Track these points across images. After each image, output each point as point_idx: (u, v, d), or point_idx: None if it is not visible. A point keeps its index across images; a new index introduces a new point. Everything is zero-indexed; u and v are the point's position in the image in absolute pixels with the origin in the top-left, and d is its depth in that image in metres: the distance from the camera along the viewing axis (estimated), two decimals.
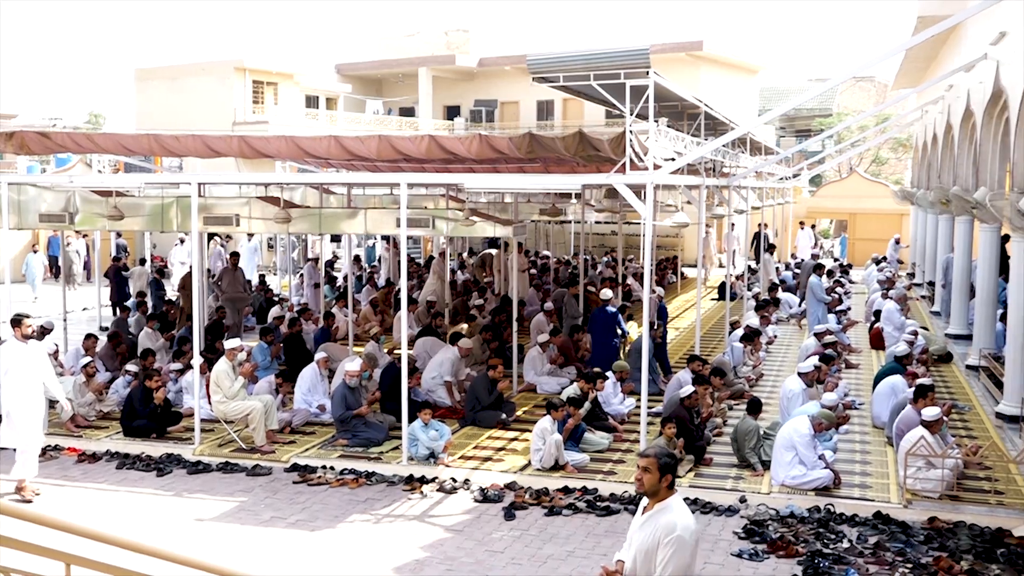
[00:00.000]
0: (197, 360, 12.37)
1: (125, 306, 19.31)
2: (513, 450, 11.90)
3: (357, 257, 28.08)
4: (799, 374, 12.75)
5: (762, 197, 26.37)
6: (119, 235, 30.51)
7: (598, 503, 10.08)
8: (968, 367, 16.22)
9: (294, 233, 21.28)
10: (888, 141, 44.40)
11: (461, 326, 19.09)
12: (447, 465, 11.19)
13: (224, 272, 20.14)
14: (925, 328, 19.24)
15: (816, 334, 16.23)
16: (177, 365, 14.35)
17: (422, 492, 10.55)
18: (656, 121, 11.44)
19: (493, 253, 25.15)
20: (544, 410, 11.42)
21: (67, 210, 13.49)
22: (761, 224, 27.14)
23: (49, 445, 11.91)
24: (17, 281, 26.95)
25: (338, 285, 23.77)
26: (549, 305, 18.27)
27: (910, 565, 8.41)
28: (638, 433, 11.42)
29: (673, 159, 11.72)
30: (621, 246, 23.59)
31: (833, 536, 9.13)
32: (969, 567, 8.27)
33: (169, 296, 22.54)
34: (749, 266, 28.71)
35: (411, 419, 11.42)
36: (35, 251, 28.71)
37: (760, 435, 11.15)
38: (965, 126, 17.45)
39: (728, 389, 14.24)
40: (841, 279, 25.66)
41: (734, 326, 17.36)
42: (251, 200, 13.96)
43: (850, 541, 9.02)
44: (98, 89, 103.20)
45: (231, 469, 11.37)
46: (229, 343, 12.68)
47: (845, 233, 38.36)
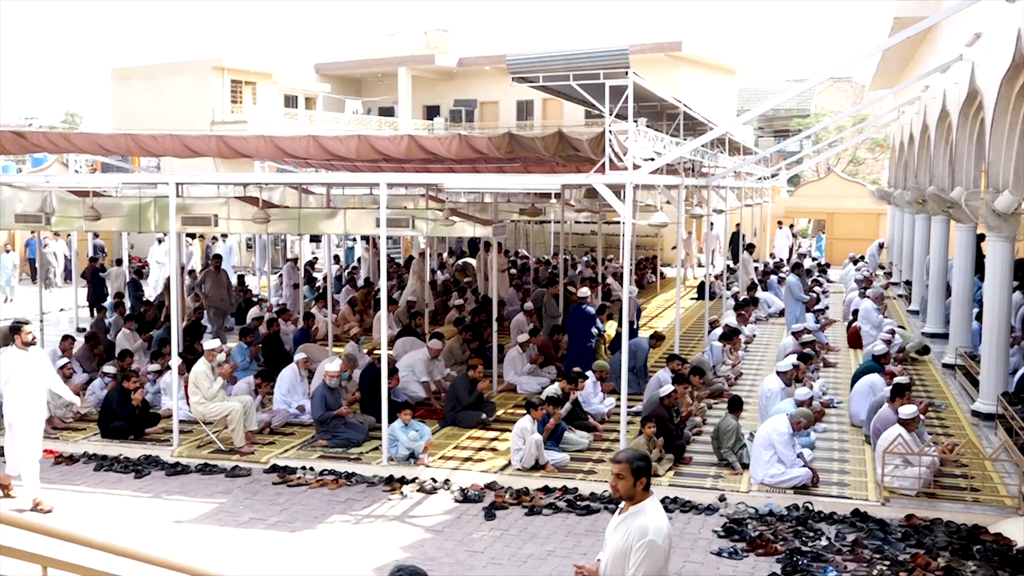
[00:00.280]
0: (175, 361, 12.30)
1: (102, 306, 19.10)
2: (493, 450, 11.90)
3: (336, 257, 28.00)
4: (777, 373, 12.84)
5: (741, 197, 26.47)
6: (96, 235, 30.28)
7: (578, 502, 10.10)
8: (944, 365, 16.35)
9: (273, 233, 21.24)
10: (865, 141, 44.68)
11: (449, 328, 19.05)
12: (427, 465, 11.18)
13: (207, 274, 19.44)
14: (902, 327, 19.38)
15: (794, 333, 16.33)
16: (155, 366, 14.27)
17: (402, 493, 10.53)
18: (635, 121, 11.47)
19: (472, 263, 25.09)
20: (524, 410, 11.43)
21: (43, 210, 13.38)
22: (738, 224, 27.28)
23: None
24: None
25: (317, 286, 23.69)
26: (529, 305, 18.28)
27: (888, 562, 8.47)
28: (618, 432, 11.44)
29: (652, 159, 11.76)
30: (601, 246, 23.63)
31: (812, 534, 9.18)
32: (946, 564, 8.34)
33: (147, 297, 22.39)
34: (728, 266, 28.80)
35: (391, 419, 11.40)
36: (8, 251, 28.44)
37: (739, 435, 11.20)
38: (941, 126, 17.58)
39: (707, 388, 14.29)
40: (819, 278, 25.82)
41: (713, 325, 17.43)
42: (230, 200, 13.89)
43: (828, 539, 9.08)
44: (75, 88, 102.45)
45: (210, 470, 11.31)
46: (208, 344, 12.62)
47: (822, 232, 38.57)
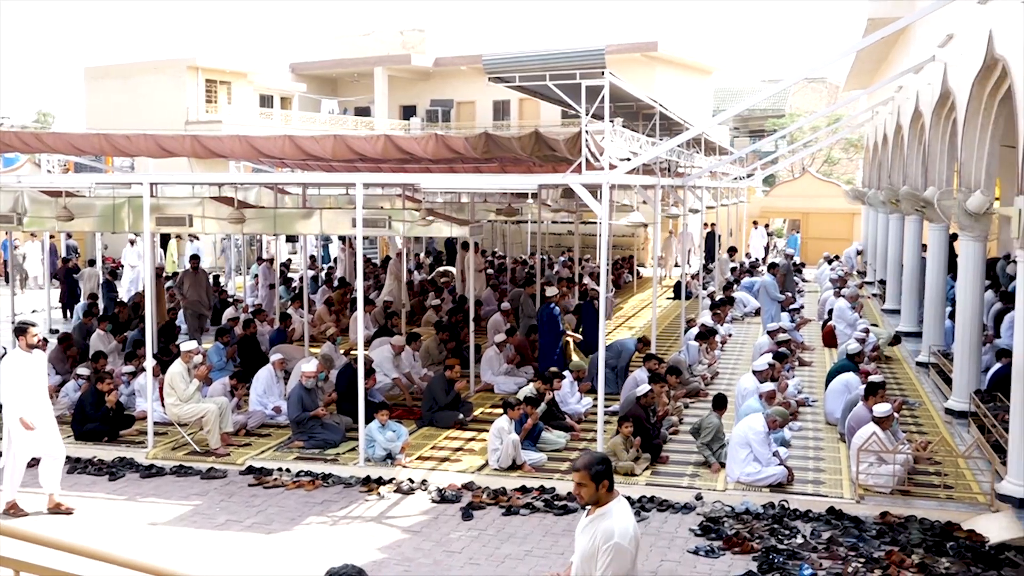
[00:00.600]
0: (150, 362, 12.21)
1: (92, 313, 18.63)
2: (471, 450, 11.90)
3: (313, 258, 27.89)
4: (753, 372, 12.91)
5: (717, 197, 26.60)
6: (69, 236, 30.02)
7: (555, 502, 10.10)
8: (918, 364, 16.48)
9: (248, 234, 21.14)
10: (840, 141, 44.98)
11: (427, 328, 19.03)
12: (404, 466, 11.16)
13: (185, 275, 19.06)
14: (875, 324, 19.53)
15: (769, 332, 16.43)
16: (129, 368, 14.16)
17: (379, 493, 10.51)
18: (612, 121, 11.49)
19: (452, 269, 25.02)
20: (501, 410, 11.43)
21: (15, 211, 13.25)
22: (712, 224, 27.38)
23: None
24: None
25: (294, 286, 23.60)
26: (506, 305, 18.29)
27: (863, 559, 8.53)
28: (595, 432, 11.45)
29: (628, 159, 11.79)
30: (578, 246, 23.66)
31: (787, 532, 9.23)
32: (920, 560, 8.41)
33: (121, 298, 22.21)
34: (705, 265, 28.93)
35: (368, 420, 11.37)
36: None
37: (720, 434, 11.24)
38: (914, 127, 17.72)
39: (684, 387, 14.34)
40: (794, 278, 25.95)
41: (690, 325, 17.49)
42: (204, 200, 13.81)
43: (804, 537, 9.13)
44: (47, 88, 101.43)
45: (185, 472, 11.24)
46: (185, 345, 12.53)
47: (796, 232, 38.80)
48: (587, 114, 10.64)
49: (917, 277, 19.09)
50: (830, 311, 19.75)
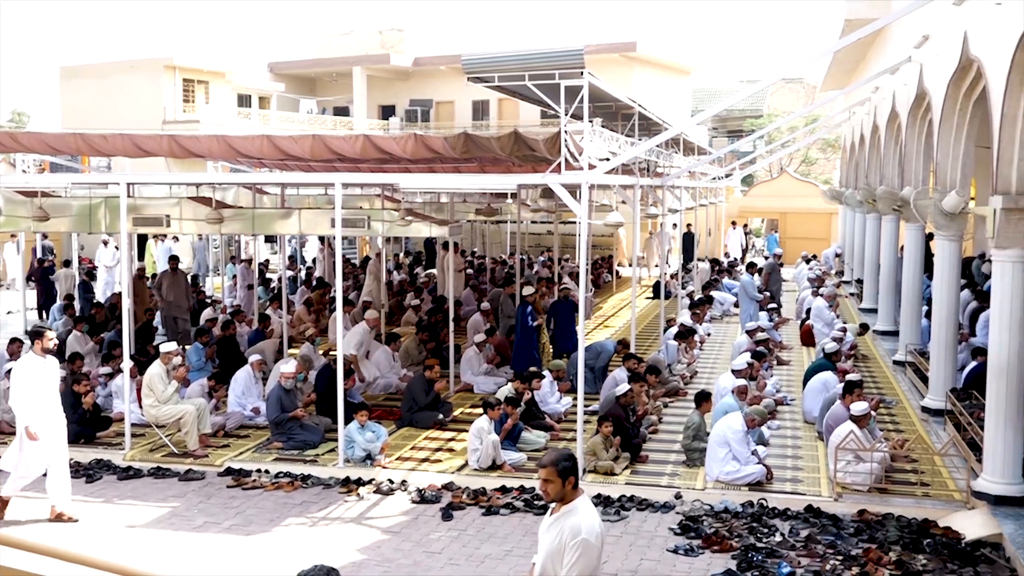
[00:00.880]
0: (127, 364, 12.13)
1: (79, 318, 18.28)
2: (450, 450, 11.89)
3: (292, 258, 27.79)
4: (732, 371, 12.97)
5: (695, 197, 26.69)
6: (45, 237, 29.76)
7: (536, 502, 10.11)
8: (895, 362, 16.59)
9: (227, 234, 21.03)
10: (817, 142, 45.21)
11: (407, 328, 19.01)
12: (384, 467, 11.14)
13: (164, 276, 18.68)
14: (846, 321, 19.65)
15: (748, 331, 16.51)
16: (106, 369, 14.06)
17: (359, 494, 10.48)
18: (591, 121, 11.50)
19: (434, 271, 24.93)
20: (481, 410, 11.43)
21: None
22: (689, 224, 27.48)
23: None
24: None
25: (272, 287, 23.49)
26: (486, 305, 18.28)
27: (840, 557, 8.59)
28: (575, 431, 11.47)
29: (608, 159, 11.81)
30: (557, 246, 23.68)
31: (766, 530, 9.28)
32: (897, 558, 8.47)
33: (97, 299, 22.05)
34: (683, 265, 29.04)
35: (347, 421, 11.34)
36: None
37: (698, 432, 11.25)
38: (891, 127, 17.84)
39: (663, 387, 14.39)
40: (780, 277, 26.03)
41: (669, 324, 17.55)
42: (182, 200, 13.74)
43: (782, 535, 9.18)
44: (22, 87, 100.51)
45: (163, 474, 11.18)
46: (165, 346, 12.46)
47: (775, 232, 38.96)
48: (566, 114, 10.66)
49: (894, 276, 19.24)
50: (808, 310, 19.86)
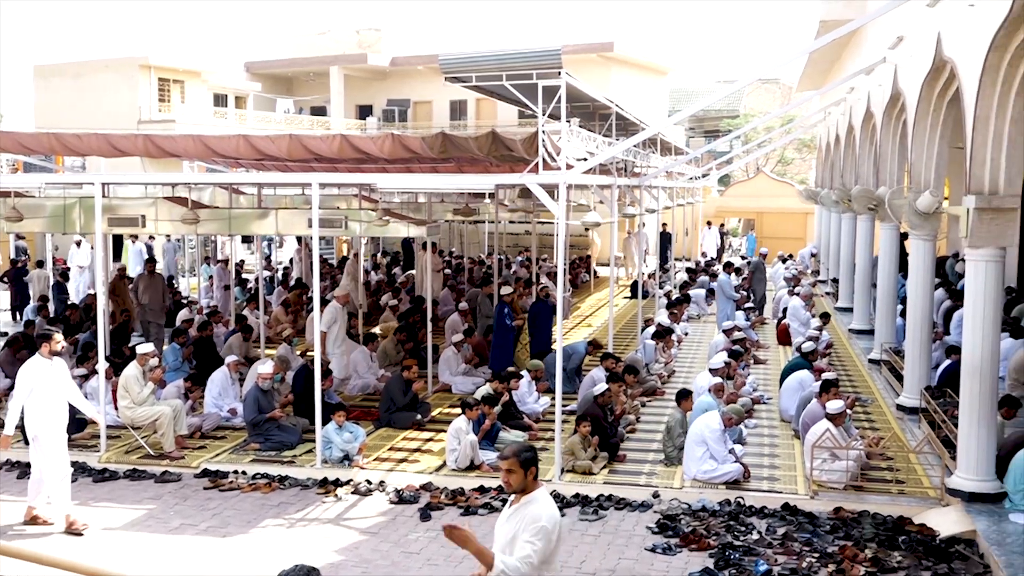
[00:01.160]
0: (102, 365, 12.04)
1: (53, 318, 18.07)
2: (428, 451, 11.87)
3: (268, 258, 27.67)
4: (709, 370, 13.02)
5: (672, 197, 26.79)
6: (20, 237, 29.50)
7: None
8: (870, 361, 16.71)
9: (203, 234, 20.92)
10: (793, 142, 45.51)
11: (386, 326, 18.94)
12: (362, 467, 11.11)
13: (140, 278, 18.34)
14: (815, 317, 19.76)
15: (725, 331, 16.59)
16: (81, 371, 13.91)
17: (336, 495, 10.45)
18: (568, 121, 11.53)
19: (413, 272, 24.89)
20: (459, 410, 11.42)
21: None
22: (665, 224, 27.57)
23: None
24: None
25: (249, 287, 23.38)
26: (464, 305, 18.27)
27: (817, 554, 8.65)
28: (553, 431, 11.48)
29: (585, 159, 11.83)
30: (535, 245, 23.70)
31: (743, 528, 9.32)
32: (873, 555, 8.54)
33: (72, 300, 21.88)
34: (661, 265, 29.13)
35: (325, 421, 11.30)
36: None
37: (673, 432, 11.29)
38: (866, 127, 17.97)
39: (641, 386, 14.42)
40: (764, 278, 26.16)
41: (648, 324, 17.59)
42: (157, 200, 13.65)
43: (759, 533, 9.23)
44: None
45: (139, 476, 11.10)
46: (141, 348, 12.37)
47: (752, 232, 39.15)
48: (544, 114, 10.67)
49: (869, 276, 19.38)
50: (784, 309, 19.97)
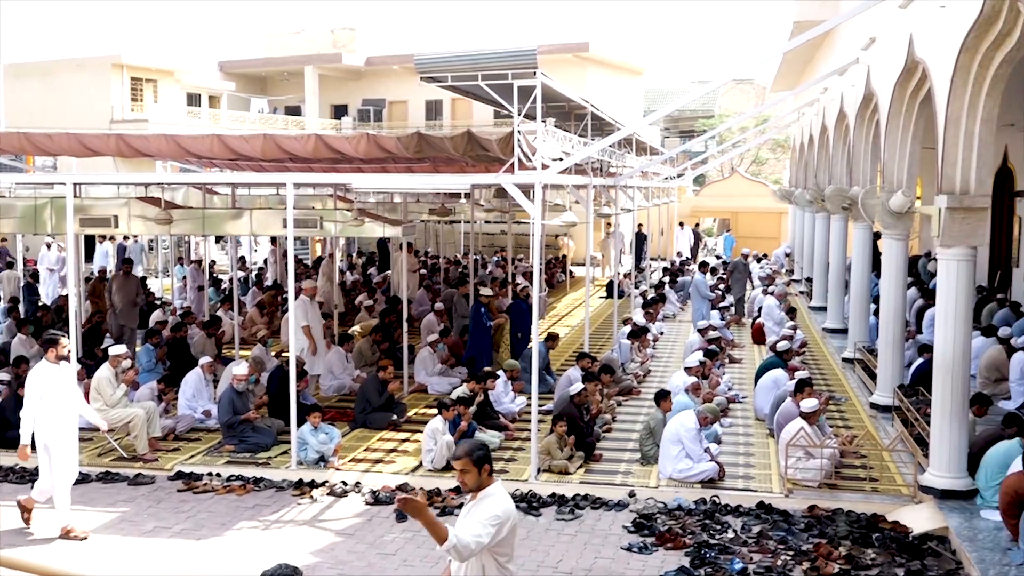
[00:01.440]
0: (74, 367, 11.91)
1: (24, 320, 17.69)
2: (404, 451, 11.84)
3: (243, 259, 27.51)
4: (685, 369, 13.07)
5: (648, 197, 26.86)
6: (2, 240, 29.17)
7: None
8: (844, 360, 16.83)
9: (176, 235, 20.77)
10: (767, 142, 45.78)
11: (364, 325, 18.87)
12: (337, 468, 11.06)
13: (113, 279, 17.97)
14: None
15: (700, 330, 16.66)
16: None
17: (312, 497, 10.40)
18: (544, 121, 11.53)
19: (389, 273, 24.83)
20: (435, 410, 11.40)
21: None
22: (640, 225, 27.64)
23: None
24: None
25: (223, 288, 23.25)
26: (439, 305, 18.24)
27: (792, 552, 8.69)
28: (529, 431, 11.48)
29: (561, 159, 11.84)
30: (511, 245, 23.70)
31: (719, 527, 9.36)
32: (847, 552, 8.59)
33: (43, 301, 21.66)
34: (636, 265, 29.21)
35: (300, 423, 11.25)
36: None
37: (652, 434, 11.31)
38: (839, 128, 18.09)
39: (617, 386, 14.45)
40: (724, 276, 26.36)
41: (626, 323, 17.62)
42: (130, 200, 13.55)
43: (735, 531, 9.27)
44: None
45: (112, 479, 11.00)
46: (113, 349, 12.27)
47: (729, 232, 39.30)
48: (519, 114, 10.67)
49: (843, 275, 19.52)
50: (759, 309, 20.08)
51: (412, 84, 36.51)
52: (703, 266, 22.25)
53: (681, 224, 37.23)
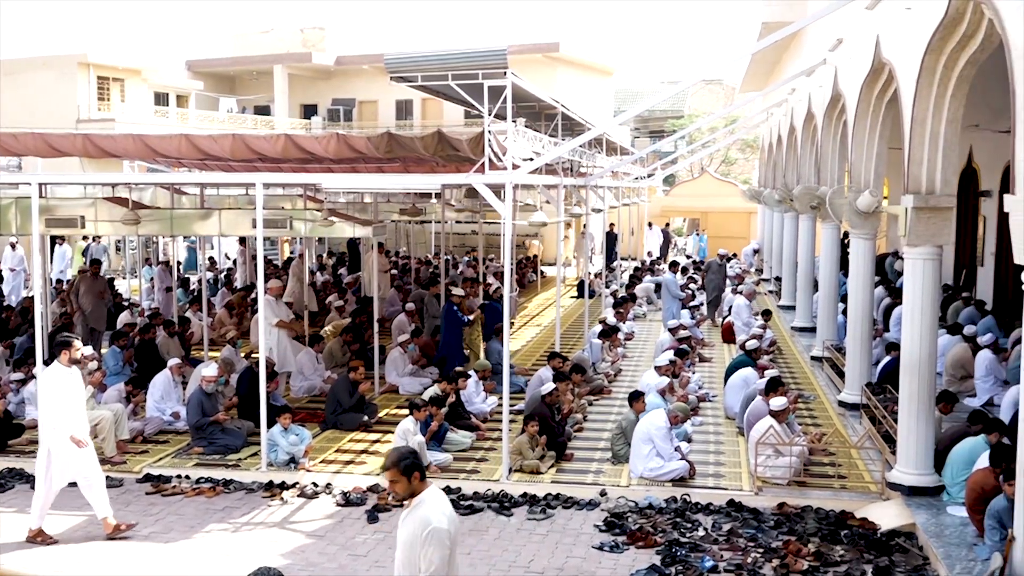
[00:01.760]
0: (40, 369, 11.78)
1: (3, 321, 17.47)
2: (376, 452, 11.80)
3: (212, 259, 27.32)
4: (655, 368, 13.12)
5: (618, 196, 26.95)
6: None
7: (461, 502, 10.10)
8: (812, 358, 16.96)
9: (144, 235, 20.59)
10: (736, 142, 46.04)
11: (336, 325, 18.78)
12: (308, 470, 11.01)
13: (81, 280, 17.56)
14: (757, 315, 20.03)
15: (670, 329, 16.73)
16: (18, 375, 13.63)
17: (283, 498, 10.35)
18: (514, 121, 11.55)
19: (360, 275, 24.71)
20: (406, 411, 11.38)
21: None
22: (612, 224, 27.72)
23: None
24: None
25: (192, 288, 23.06)
26: (410, 305, 18.18)
27: (761, 550, 8.75)
28: (500, 431, 11.48)
29: (531, 159, 11.85)
30: (482, 245, 23.70)
31: (689, 525, 9.41)
32: (816, 549, 8.67)
33: (8, 303, 21.40)
34: (607, 264, 29.31)
35: (270, 424, 11.18)
36: None
37: (624, 434, 11.34)
38: (807, 128, 18.24)
39: (588, 385, 14.48)
40: (694, 276, 26.52)
41: (602, 323, 17.66)
42: (97, 201, 13.42)
43: (705, 529, 9.33)
44: None
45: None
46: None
47: (704, 232, 39.41)
48: (490, 114, 10.67)
49: (811, 274, 19.69)
50: (729, 308, 20.20)
51: (382, 84, 36.41)
52: (673, 266, 22.35)
53: (650, 224, 37.37)
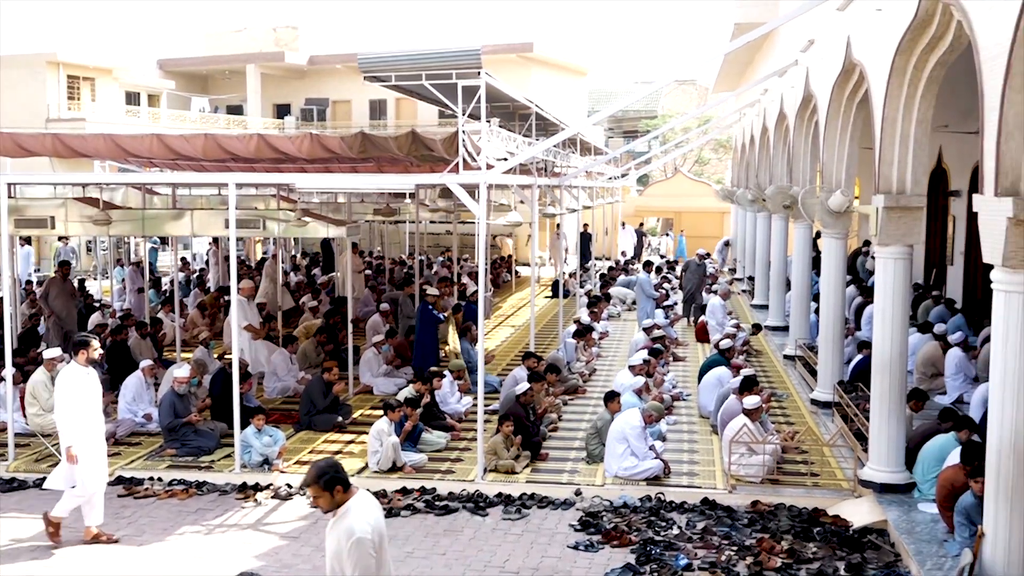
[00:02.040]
0: (9, 371, 11.67)
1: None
2: (350, 453, 11.77)
3: (184, 260, 27.14)
4: (629, 367, 13.16)
5: (592, 196, 27.01)
6: None
7: (436, 502, 10.09)
8: (785, 357, 17.07)
9: (115, 235, 20.42)
10: (710, 142, 46.25)
11: (309, 326, 18.70)
12: (282, 471, 10.96)
13: (51, 283, 17.12)
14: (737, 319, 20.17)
15: (644, 329, 16.79)
16: None
17: (256, 500, 10.29)
18: (488, 121, 11.55)
19: (334, 275, 24.63)
20: (381, 411, 11.35)
21: None
22: (586, 224, 27.78)
23: None
24: None
25: (164, 289, 22.90)
26: (385, 306, 18.14)
27: (735, 548, 8.80)
28: (475, 431, 11.48)
29: (506, 159, 11.85)
30: (456, 246, 23.67)
31: (664, 523, 9.45)
32: (789, 546, 8.72)
33: None
34: (582, 264, 29.37)
35: (244, 425, 11.12)
36: None
37: (599, 435, 11.36)
38: (779, 128, 18.35)
39: (562, 385, 14.50)
40: (668, 275, 26.63)
41: (576, 323, 17.68)
42: (67, 201, 13.29)
43: (680, 527, 9.36)
44: None
45: None
46: (48, 352, 12.03)
47: (681, 232, 39.49)
48: (464, 114, 10.66)
49: (783, 273, 19.81)
50: (703, 307, 20.30)
51: (356, 83, 36.33)
52: (647, 265, 22.42)
53: (624, 224, 37.46)
